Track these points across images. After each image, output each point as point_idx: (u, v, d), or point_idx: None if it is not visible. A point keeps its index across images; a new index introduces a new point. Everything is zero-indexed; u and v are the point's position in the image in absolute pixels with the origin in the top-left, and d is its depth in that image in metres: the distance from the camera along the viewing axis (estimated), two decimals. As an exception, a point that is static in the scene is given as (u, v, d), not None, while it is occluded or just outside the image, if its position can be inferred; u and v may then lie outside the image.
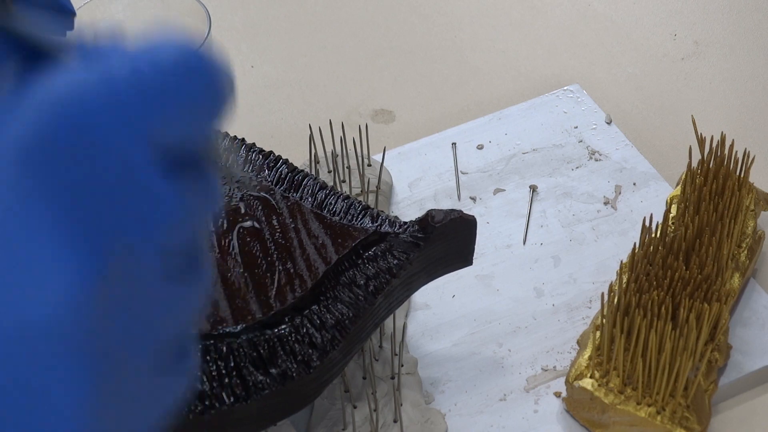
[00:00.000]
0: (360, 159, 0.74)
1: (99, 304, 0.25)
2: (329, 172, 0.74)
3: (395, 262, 0.58)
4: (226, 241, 0.58)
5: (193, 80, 0.28)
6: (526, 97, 0.84)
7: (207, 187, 0.29)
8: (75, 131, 0.26)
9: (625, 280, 0.63)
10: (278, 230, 0.59)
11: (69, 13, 0.63)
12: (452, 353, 0.66)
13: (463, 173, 0.77)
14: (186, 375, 0.29)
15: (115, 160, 0.26)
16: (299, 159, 0.77)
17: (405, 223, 0.60)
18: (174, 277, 0.28)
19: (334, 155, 0.72)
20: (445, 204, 0.75)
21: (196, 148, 0.29)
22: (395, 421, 0.60)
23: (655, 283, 0.61)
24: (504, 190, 0.76)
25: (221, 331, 0.54)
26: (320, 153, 0.76)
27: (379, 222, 0.60)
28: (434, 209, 0.59)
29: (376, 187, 0.72)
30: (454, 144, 0.79)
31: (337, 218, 0.60)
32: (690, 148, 0.70)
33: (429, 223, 0.59)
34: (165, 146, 0.27)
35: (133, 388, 0.27)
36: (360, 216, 0.60)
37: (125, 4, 0.73)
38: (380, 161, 0.75)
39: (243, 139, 0.65)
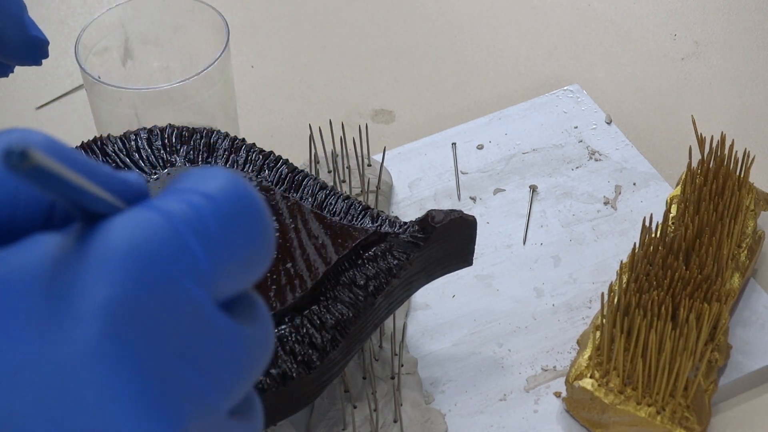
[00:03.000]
0: (360, 159, 0.74)
1: None
2: (329, 172, 0.74)
3: (395, 262, 0.58)
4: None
5: (251, 227, 0.27)
6: (526, 97, 0.84)
7: (263, 322, 0.28)
8: (154, 290, 0.25)
9: (625, 280, 0.63)
10: (278, 230, 0.59)
11: (43, 42, 0.64)
12: (452, 353, 0.66)
13: (463, 173, 0.77)
14: None
15: (191, 317, 0.25)
16: (299, 159, 0.77)
17: (405, 223, 0.60)
18: (239, 414, 0.27)
19: (334, 155, 0.72)
20: (445, 204, 0.75)
21: (249, 286, 0.28)
22: (395, 421, 0.60)
23: (655, 283, 0.61)
24: (504, 190, 0.76)
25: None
26: (320, 153, 0.76)
27: (379, 222, 0.60)
28: (434, 209, 0.59)
29: (376, 187, 0.72)
30: (454, 144, 0.79)
31: (337, 218, 0.60)
32: (690, 148, 0.70)
33: (429, 223, 0.59)
34: (227, 292, 0.27)
35: None
36: (360, 216, 0.60)
37: (146, 16, 0.74)
38: (380, 161, 0.75)
39: (243, 139, 0.65)
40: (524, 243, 0.72)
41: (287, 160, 0.64)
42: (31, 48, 0.64)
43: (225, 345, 0.26)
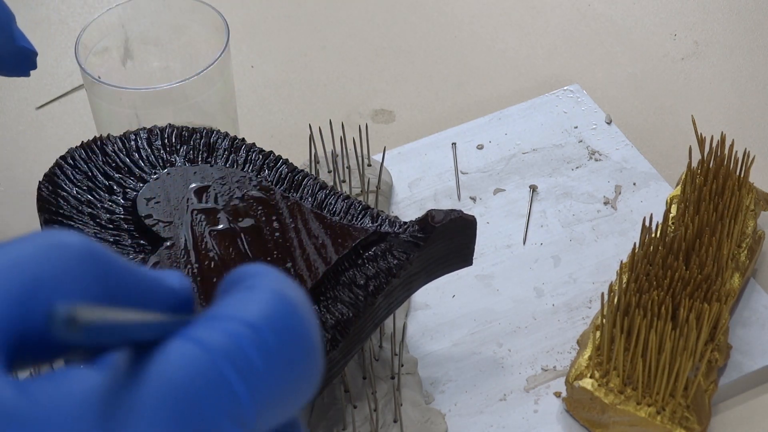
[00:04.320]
0: (360, 159, 0.74)
1: None
2: (329, 172, 0.74)
3: (395, 262, 0.58)
4: (226, 241, 0.58)
5: (298, 357, 0.26)
6: (526, 97, 0.84)
7: None
8: None
9: (625, 280, 0.63)
10: (278, 230, 0.59)
11: (31, 53, 0.64)
12: (452, 353, 0.66)
13: (463, 173, 0.77)
14: None
15: None
16: (299, 159, 0.77)
17: (405, 223, 0.60)
18: None
19: (334, 155, 0.72)
20: (445, 204, 0.75)
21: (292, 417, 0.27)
22: (395, 421, 0.60)
23: (655, 283, 0.61)
24: (504, 190, 0.76)
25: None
26: (320, 153, 0.76)
27: (379, 222, 0.60)
28: (434, 209, 0.59)
29: (376, 187, 0.72)
30: (454, 144, 0.79)
31: (337, 218, 0.60)
32: (690, 148, 0.70)
33: (429, 223, 0.59)
34: (269, 425, 0.26)
35: None
36: (360, 216, 0.60)
37: (146, 16, 0.74)
38: (380, 161, 0.75)
39: (243, 139, 0.65)
40: (524, 243, 0.72)
41: (287, 160, 0.64)
42: (20, 59, 0.64)
43: None
